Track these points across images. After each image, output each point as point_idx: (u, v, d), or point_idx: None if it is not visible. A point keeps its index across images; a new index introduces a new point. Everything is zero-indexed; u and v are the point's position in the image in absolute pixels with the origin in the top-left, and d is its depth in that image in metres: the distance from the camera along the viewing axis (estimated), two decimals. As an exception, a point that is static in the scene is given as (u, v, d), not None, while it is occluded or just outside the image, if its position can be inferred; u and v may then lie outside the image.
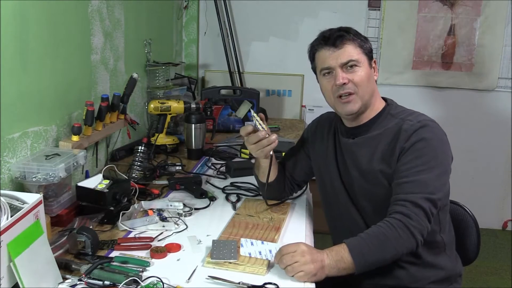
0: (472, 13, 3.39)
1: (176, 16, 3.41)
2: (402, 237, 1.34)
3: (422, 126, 1.44)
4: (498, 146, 3.58)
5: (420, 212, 1.36)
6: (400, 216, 1.35)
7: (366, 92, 1.50)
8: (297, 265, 1.28)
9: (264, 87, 3.57)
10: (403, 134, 1.45)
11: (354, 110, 1.51)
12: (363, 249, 1.33)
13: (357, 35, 1.52)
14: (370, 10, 3.48)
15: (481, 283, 2.99)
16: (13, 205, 1.20)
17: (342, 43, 1.49)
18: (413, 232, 1.34)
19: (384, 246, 1.34)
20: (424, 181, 1.39)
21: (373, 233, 1.36)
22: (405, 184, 1.41)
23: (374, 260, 1.34)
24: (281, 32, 3.56)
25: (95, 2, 2.04)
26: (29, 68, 1.59)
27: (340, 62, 1.49)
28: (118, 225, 1.56)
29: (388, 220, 1.36)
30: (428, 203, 1.37)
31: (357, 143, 1.55)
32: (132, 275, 1.24)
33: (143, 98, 2.67)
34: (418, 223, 1.35)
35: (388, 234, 1.34)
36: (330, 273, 1.31)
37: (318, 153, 1.70)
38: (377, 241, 1.34)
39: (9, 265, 1.09)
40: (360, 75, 1.49)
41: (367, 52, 1.51)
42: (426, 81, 3.54)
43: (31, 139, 1.62)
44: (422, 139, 1.42)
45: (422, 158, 1.41)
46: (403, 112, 1.54)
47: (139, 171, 1.98)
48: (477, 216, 1.80)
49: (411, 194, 1.38)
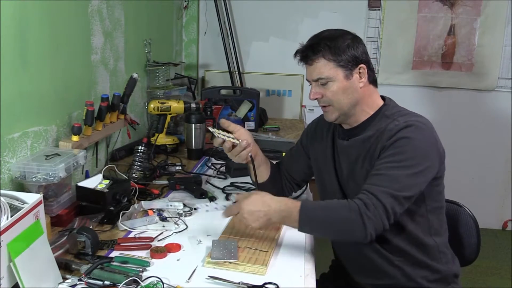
0: (472, 13, 3.39)
1: (176, 16, 3.41)
2: (353, 222, 1.33)
3: (407, 126, 1.41)
4: (498, 146, 3.58)
5: (379, 206, 1.33)
6: (360, 203, 1.33)
7: (343, 104, 1.49)
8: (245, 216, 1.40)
9: (264, 87, 3.57)
10: (387, 133, 1.43)
11: (331, 119, 1.54)
12: (312, 216, 1.37)
13: (329, 48, 1.46)
14: (370, 10, 3.48)
15: (481, 283, 2.99)
16: (13, 205, 1.20)
17: (311, 60, 1.49)
18: (365, 223, 1.31)
19: (331, 223, 1.38)
20: (394, 177, 1.36)
21: (329, 206, 1.40)
22: (374, 176, 1.39)
23: (316, 231, 1.44)
24: (281, 32, 3.56)
25: (95, 2, 2.04)
26: (29, 68, 1.59)
27: (312, 78, 1.51)
28: (118, 225, 1.56)
29: (348, 202, 1.36)
30: (391, 199, 1.34)
31: (350, 145, 1.54)
32: (132, 275, 1.24)
33: (143, 98, 2.67)
34: (374, 216, 1.32)
35: (341, 214, 1.35)
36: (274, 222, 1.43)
37: (317, 153, 1.69)
38: (328, 214, 1.37)
39: (9, 265, 1.09)
40: (332, 90, 1.48)
41: (343, 64, 1.47)
42: (426, 81, 3.54)
43: (31, 139, 1.62)
44: (403, 138, 1.40)
45: (399, 156, 1.39)
46: (398, 113, 1.51)
47: (139, 171, 1.98)
48: (477, 216, 1.80)
49: (375, 186, 1.36)
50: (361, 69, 1.50)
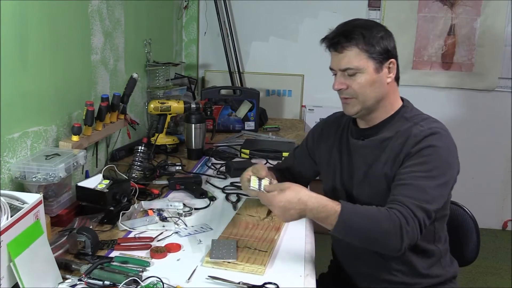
0: (472, 13, 3.39)
1: (176, 16, 3.41)
2: (392, 235, 1.28)
3: (432, 133, 1.38)
4: (498, 146, 3.58)
5: (416, 220, 1.30)
6: (400, 216, 1.28)
7: (367, 97, 1.43)
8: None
9: (264, 87, 3.57)
10: (412, 139, 1.39)
11: (351, 113, 1.48)
12: (350, 223, 1.29)
13: (363, 38, 1.39)
14: (370, 10, 3.47)
15: (481, 283, 2.99)
16: (13, 205, 1.21)
17: (342, 48, 1.41)
18: (403, 236, 1.28)
19: (368, 233, 1.29)
20: (422, 188, 1.33)
21: (369, 215, 1.30)
22: (402, 186, 1.35)
23: (348, 237, 1.32)
24: (281, 32, 3.56)
25: (95, 2, 2.04)
26: (29, 68, 1.59)
27: (339, 67, 1.44)
28: (118, 225, 1.56)
29: (389, 212, 1.30)
30: (423, 213, 1.31)
31: (366, 145, 1.49)
32: (132, 275, 1.24)
33: (143, 98, 2.67)
34: (411, 230, 1.29)
35: (381, 225, 1.28)
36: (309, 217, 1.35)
37: (323, 153, 1.66)
38: (367, 223, 1.29)
39: (9, 265, 1.09)
40: (359, 82, 1.42)
41: (375, 56, 1.40)
42: (426, 81, 3.54)
43: (31, 139, 1.63)
44: (429, 146, 1.36)
45: (426, 165, 1.35)
46: (418, 116, 1.47)
47: (139, 171, 1.98)
48: (477, 216, 1.80)
49: (407, 198, 1.32)
50: (391, 64, 1.45)
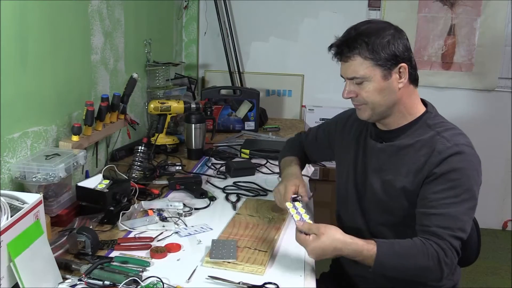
0: (472, 13, 3.39)
1: (176, 16, 3.41)
2: (431, 270, 1.29)
3: (458, 153, 1.34)
4: (498, 146, 3.58)
5: (453, 251, 1.30)
6: (438, 249, 1.29)
7: (377, 105, 1.39)
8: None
9: (264, 87, 3.56)
10: (436, 156, 1.34)
11: (364, 118, 1.45)
12: (388, 266, 1.29)
13: (367, 45, 1.34)
14: (370, 10, 3.47)
15: (481, 283, 2.99)
16: (13, 205, 1.21)
17: (346, 57, 1.37)
18: (443, 270, 1.29)
19: (407, 271, 1.31)
20: (455, 215, 1.31)
21: (405, 253, 1.30)
22: (435, 216, 1.32)
23: (390, 275, 1.32)
24: (281, 32, 3.56)
25: (95, 2, 2.04)
26: (29, 68, 1.59)
27: (346, 76, 1.41)
28: (118, 225, 1.56)
29: (426, 247, 1.29)
30: (458, 241, 1.32)
31: (384, 150, 1.46)
32: (132, 275, 1.24)
33: (143, 98, 2.67)
34: (450, 261, 1.30)
35: (419, 262, 1.29)
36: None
37: (340, 146, 1.64)
38: (404, 263, 1.30)
39: (9, 265, 1.09)
40: (367, 90, 1.38)
41: (381, 63, 1.35)
42: (426, 81, 3.52)
43: (31, 139, 1.62)
44: (456, 170, 1.33)
45: (454, 190, 1.32)
46: (441, 124, 1.43)
47: (139, 171, 1.98)
48: (477, 216, 1.78)
49: (443, 229, 1.30)
50: (402, 69, 1.39)
